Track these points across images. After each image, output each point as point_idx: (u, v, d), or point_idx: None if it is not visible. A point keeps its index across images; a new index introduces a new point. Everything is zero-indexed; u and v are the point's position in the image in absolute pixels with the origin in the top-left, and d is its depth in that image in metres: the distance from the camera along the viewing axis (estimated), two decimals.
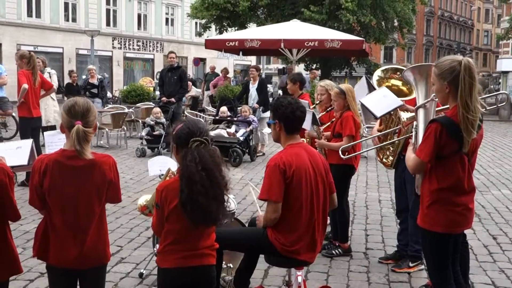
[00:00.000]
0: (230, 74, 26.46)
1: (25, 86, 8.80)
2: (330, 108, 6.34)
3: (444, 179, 3.56)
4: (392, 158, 5.66)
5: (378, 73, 5.61)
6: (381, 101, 4.81)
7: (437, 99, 3.71)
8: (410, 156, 3.71)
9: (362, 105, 4.96)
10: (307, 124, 5.61)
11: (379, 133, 5.48)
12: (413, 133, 3.91)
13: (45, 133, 3.77)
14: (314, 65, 32.19)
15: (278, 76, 49.19)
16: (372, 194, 9.32)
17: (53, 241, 3.30)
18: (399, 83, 5.62)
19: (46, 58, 12.67)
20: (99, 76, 16.45)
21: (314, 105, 7.44)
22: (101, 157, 3.35)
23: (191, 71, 42.36)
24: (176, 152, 3.30)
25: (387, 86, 5.50)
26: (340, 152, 5.48)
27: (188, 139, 3.18)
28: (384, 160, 5.73)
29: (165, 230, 3.25)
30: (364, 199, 8.90)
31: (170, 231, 3.23)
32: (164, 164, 4.54)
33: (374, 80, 5.55)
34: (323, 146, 6.03)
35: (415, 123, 3.96)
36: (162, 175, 4.10)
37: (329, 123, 6.29)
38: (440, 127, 3.47)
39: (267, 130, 12.90)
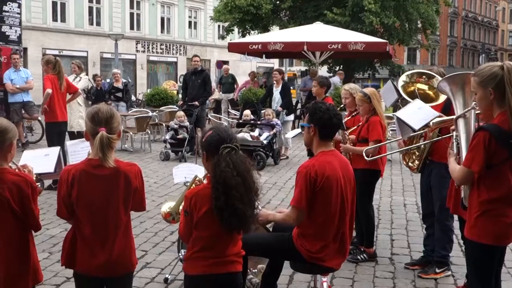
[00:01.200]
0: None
1: (49, 90, 8.88)
2: (355, 113, 6.30)
3: (494, 189, 3.44)
4: (418, 162, 5.62)
5: (403, 78, 5.58)
6: (416, 113, 4.77)
7: (477, 108, 3.63)
8: (456, 167, 3.62)
9: (398, 119, 4.90)
10: None
11: (406, 136, 5.43)
12: (454, 143, 3.84)
13: (67, 142, 3.78)
14: (337, 67, 32.06)
15: (300, 78, 49.04)
16: (397, 198, 9.25)
17: (80, 249, 3.32)
18: (425, 87, 5.58)
19: (75, 62, 12.65)
20: (124, 80, 16.58)
21: (338, 109, 7.43)
22: (127, 165, 3.36)
23: (214, 74, 42.48)
24: (205, 159, 3.30)
25: (412, 91, 5.46)
26: (364, 154, 5.45)
27: (218, 146, 3.19)
28: (410, 164, 5.68)
29: (193, 237, 3.26)
30: (389, 203, 8.83)
31: (198, 238, 3.24)
32: (190, 172, 4.54)
33: (400, 86, 5.50)
34: (348, 151, 5.99)
35: (454, 133, 3.89)
36: (188, 182, 4.10)
37: (354, 127, 6.25)
38: (488, 135, 3.36)
39: (290, 134, 12.90)
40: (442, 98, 5.24)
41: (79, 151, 3.67)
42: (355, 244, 6.17)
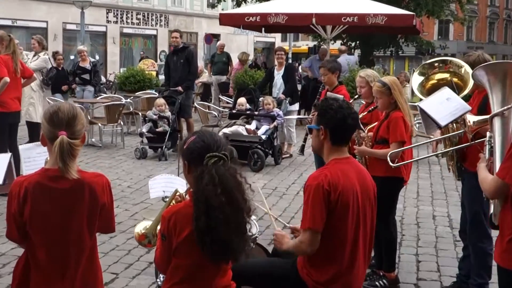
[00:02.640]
0: (250, 57, 26.37)
1: (6, 79, 8.77)
2: (372, 108, 6.28)
3: None
4: (453, 168, 5.64)
5: (416, 78, 5.59)
6: (444, 105, 4.76)
7: None
8: (487, 177, 3.63)
9: (422, 111, 4.89)
10: None
11: (437, 137, 5.43)
12: (487, 147, 3.83)
13: (20, 147, 3.73)
14: (353, 44, 32.04)
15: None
16: (424, 208, 9.25)
17: (35, 280, 3.27)
18: (445, 75, 5.58)
19: (36, 38, 12.45)
20: (92, 59, 16.52)
21: (352, 99, 7.41)
22: (92, 177, 3.32)
23: (201, 51, 42.47)
24: (187, 171, 3.29)
25: (434, 85, 5.45)
26: (388, 159, 5.45)
27: (203, 154, 3.18)
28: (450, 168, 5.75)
29: (172, 266, 3.24)
30: (415, 215, 8.83)
31: (178, 267, 3.22)
32: (170, 184, 4.52)
33: (416, 89, 5.51)
34: (364, 154, 5.98)
35: (488, 134, 3.89)
36: (167, 197, 4.08)
37: (373, 124, 6.23)
38: None
39: (292, 122, 12.89)
40: (470, 85, 5.24)
41: (35, 158, 3.62)
42: (372, 268, 6.15)
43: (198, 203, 3.09)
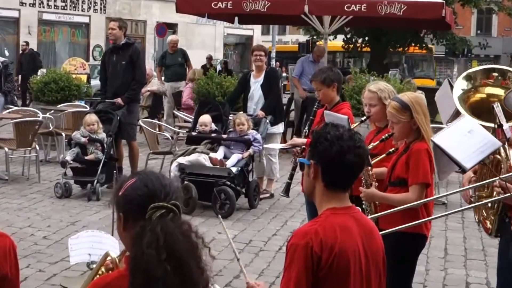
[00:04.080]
0: (219, 55, 26.46)
1: None
2: (386, 136, 6.29)
3: None
4: (492, 219, 5.66)
5: (460, 85, 5.61)
6: (467, 140, 4.81)
7: None
8: None
9: (437, 149, 4.93)
10: None
11: (472, 185, 5.48)
12: None
13: None
14: (360, 40, 32.30)
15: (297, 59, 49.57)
16: (455, 271, 9.28)
17: None
18: (499, 91, 5.61)
19: None
20: (2, 59, 16.45)
21: (357, 123, 7.40)
22: None
23: (151, 47, 42.51)
24: (123, 227, 3.27)
25: (480, 101, 5.49)
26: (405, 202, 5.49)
27: (145, 204, 3.15)
28: (482, 220, 5.78)
29: None
30: (442, 281, 8.87)
31: None
32: (98, 245, 4.48)
33: (456, 97, 5.53)
34: (374, 199, 6.02)
35: None
36: (94, 262, 4.05)
37: (381, 156, 6.27)
38: None
39: (272, 146, 12.88)
40: None
41: None
42: None
43: (135, 273, 3.06)
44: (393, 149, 6.26)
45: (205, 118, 12.76)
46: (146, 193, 3.21)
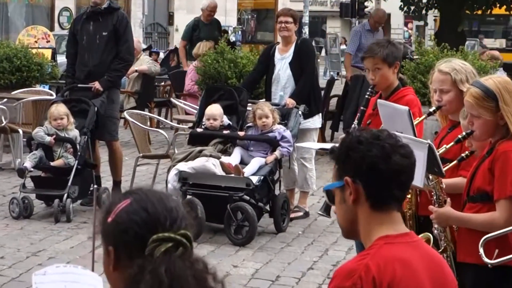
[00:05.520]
0: (231, 20, 26.49)
1: None
2: (465, 134, 6.29)
3: None
4: None
5: None
6: None
7: None
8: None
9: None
10: (417, 175, 5.57)
11: None
12: None
13: None
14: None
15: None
16: None
17: None
18: None
19: None
20: None
21: (423, 117, 7.41)
22: None
23: (140, 9, 42.54)
24: (113, 265, 3.31)
25: None
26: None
27: (145, 236, 3.18)
28: None
29: None
30: None
31: None
32: (72, 285, 4.50)
33: None
34: (449, 222, 6.05)
35: None
36: None
37: (455, 161, 6.28)
38: None
39: (310, 152, 12.89)
40: None
41: None
42: None
43: None
44: (466, 152, 6.25)
45: (214, 109, 12.77)
46: (146, 220, 3.23)
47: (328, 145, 8.70)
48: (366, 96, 8.71)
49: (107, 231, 3.30)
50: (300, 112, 12.84)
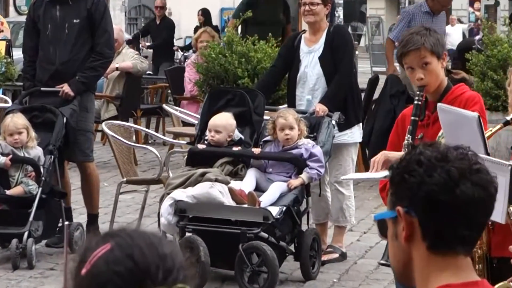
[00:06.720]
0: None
1: None
2: None
3: None
4: None
5: None
6: None
7: None
8: None
9: None
10: (497, 206, 5.58)
11: None
12: None
13: None
14: None
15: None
16: None
17: None
18: None
19: None
20: None
21: (497, 127, 7.40)
22: None
23: None
24: None
25: None
26: None
27: None
28: None
29: None
30: None
31: None
32: None
33: None
34: None
35: None
36: None
37: None
38: None
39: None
40: None
41: None
42: None
43: None
44: None
45: (221, 118, 12.81)
46: (131, 272, 3.20)
47: (382, 174, 8.29)
48: (416, 102, 8.63)
49: (80, 286, 3.26)
50: (334, 122, 12.85)
